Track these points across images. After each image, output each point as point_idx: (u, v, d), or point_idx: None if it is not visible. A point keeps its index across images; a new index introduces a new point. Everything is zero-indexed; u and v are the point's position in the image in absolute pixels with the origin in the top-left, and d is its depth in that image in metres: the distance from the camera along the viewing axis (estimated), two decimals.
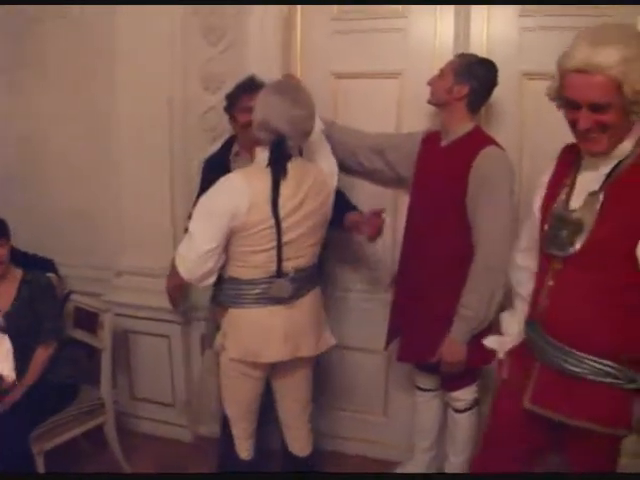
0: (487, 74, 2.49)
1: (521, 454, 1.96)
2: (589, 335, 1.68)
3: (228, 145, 2.85)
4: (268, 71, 2.91)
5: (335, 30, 2.94)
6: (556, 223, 1.75)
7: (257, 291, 2.29)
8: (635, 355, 1.62)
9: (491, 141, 2.48)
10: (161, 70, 3.06)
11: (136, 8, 3.01)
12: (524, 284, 2.00)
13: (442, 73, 2.52)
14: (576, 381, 1.70)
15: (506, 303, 2.30)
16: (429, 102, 2.59)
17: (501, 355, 2.04)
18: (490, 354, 2.56)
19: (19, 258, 3.03)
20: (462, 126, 2.52)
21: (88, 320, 3.08)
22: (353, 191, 3.01)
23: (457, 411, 2.75)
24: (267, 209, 2.18)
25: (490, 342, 2.12)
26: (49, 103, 3.42)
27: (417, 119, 2.81)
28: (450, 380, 2.69)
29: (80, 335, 3.12)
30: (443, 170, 2.51)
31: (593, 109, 1.59)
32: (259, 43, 2.97)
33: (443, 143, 2.57)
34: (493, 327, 2.45)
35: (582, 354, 1.68)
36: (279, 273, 2.25)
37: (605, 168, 1.67)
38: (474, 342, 2.45)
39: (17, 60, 3.46)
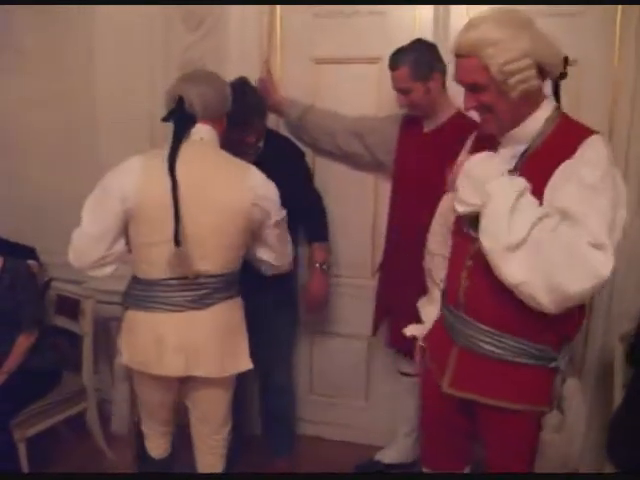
0: (431, 50, 2.49)
1: (447, 438, 1.98)
2: (507, 315, 1.67)
3: None
4: (248, 57, 2.92)
5: (315, 14, 2.92)
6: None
7: (153, 294, 2.06)
8: (555, 337, 1.64)
9: (477, 125, 2.46)
10: (141, 56, 3.04)
11: None
12: (438, 270, 2.00)
13: (404, 89, 2.48)
14: (496, 362, 1.70)
15: None
16: (417, 114, 2.57)
17: (421, 342, 2.02)
18: None
19: (0, 246, 3.02)
20: (445, 111, 2.52)
21: (70, 307, 3.08)
22: (333, 178, 3.02)
23: None
24: (160, 190, 1.95)
25: (410, 330, 2.10)
26: (28, 88, 3.38)
27: (397, 104, 2.79)
28: None
29: (62, 322, 3.13)
30: (429, 157, 2.50)
31: (472, 90, 1.65)
32: (239, 29, 2.95)
33: (426, 129, 2.57)
34: None
35: (501, 333, 1.68)
36: (177, 241, 1.95)
37: (520, 147, 1.68)
38: None
39: None
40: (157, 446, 2.38)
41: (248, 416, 3.25)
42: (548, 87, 1.72)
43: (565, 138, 1.62)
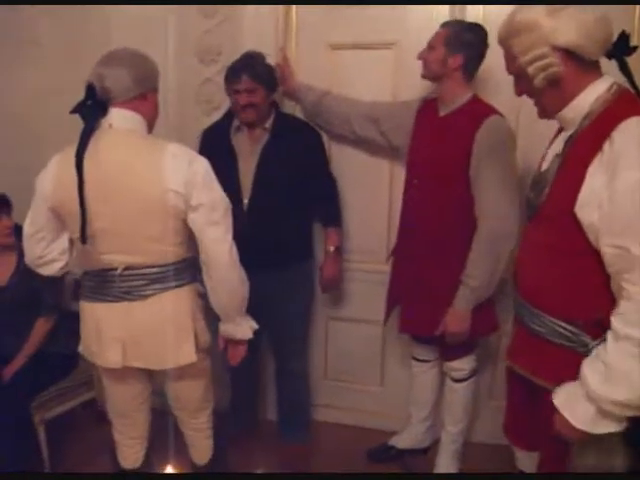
0: (478, 39, 2.47)
1: (511, 407, 2.03)
2: (545, 296, 1.70)
3: (229, 117, 2.85)
4: (264, 43, 2.91)
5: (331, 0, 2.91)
6: (530, 185, 1.81)
7: (91, 284, 2.06)
8: (587, 320, 1.61)
9: (492, 110, 2.46)
10: (156, 42, 3.04)
11: None
12: None
13: (431, 46, 2.49)
14: (540, 340, 1.72)
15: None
16: (423, 77, 2.57)
17: None
18: (492, 324, 2.57)
19: (18, 233, 3.05)
20: (460, 96, 2.51)
21: None
22: (349, 164, 3.03)
23: (456, 380, 2.77)
24: (72, 186, 1.86)
25: None
26: (44, 79, 3.39)
27: (413, 89, 2.79)
28: (449, 350, 2.70)
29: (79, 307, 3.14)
30: (443, 141, 2.50)
31: (516, 78, 1.69)
32: (255, 15, 2.96)
33: (441, 113, 2.56)
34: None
35: (542, 314, 1.70)
36: (83, 239, 1.90)
37: (571, 131, 1.66)
38: (477, 312, 2.48)
39: (10, 35, 3.43)
40: (128, 456, 2.31)
41: (264, 401, 3.28)
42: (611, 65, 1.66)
43: (607, 119, 1.55)
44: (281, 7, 2.96)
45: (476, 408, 2.90)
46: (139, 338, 2.02)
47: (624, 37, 1.62)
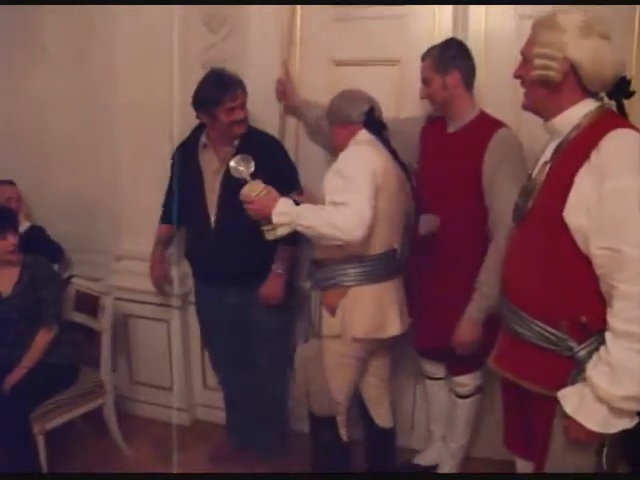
0: (459, 48, 2.52)
1: (506, 414, 2.05)
2: (530, 299, 1.76)
3: (197, 134, 2.82)
4: (268, 58, 2.95)
5: (335, 16, 2.94)
6: (520, 192, 1.88)
7: (379, 267, 2.38)
8: (571, 324, 1.67)
9: (500, 123, 2.49)
10: (161, 56, 3.07)
11: None
12: None
13: (425, 80, 2.53)
14: (525, 344, 1.77)
15: None
16: (439, 112, 2.60)
17: None
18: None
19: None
20: (468, 112, 2.53)
21: (88, 303, 3.11)
22: None
23: (460, 396, 2.76)
24: (395, 168, 2.39)
25: None
26: (48, 87, 3.42)
27: (417, 106, 2.82)
28: (456, 364, 2.70)
29: (80, 318, 3.15)
30: (454, 157, 2.51)
31: (522, 60, 1.81)
32: (259, 30, 2.99)
33: (450, 130, 2.58)
34: None
35: (529, 318, 1.75)
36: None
37: (559, 140, 1.76)
38: (485, 326, 2.47)
39: (17, 45, 3.46)
40: (345, 430, 2.53)
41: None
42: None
43: (594, 131, 1.65)
44: (285, 22, 2.98)
45: (476, 423, 2.89)
46: (403, 307, 2.49)
47: (625, 82, 1.76)
